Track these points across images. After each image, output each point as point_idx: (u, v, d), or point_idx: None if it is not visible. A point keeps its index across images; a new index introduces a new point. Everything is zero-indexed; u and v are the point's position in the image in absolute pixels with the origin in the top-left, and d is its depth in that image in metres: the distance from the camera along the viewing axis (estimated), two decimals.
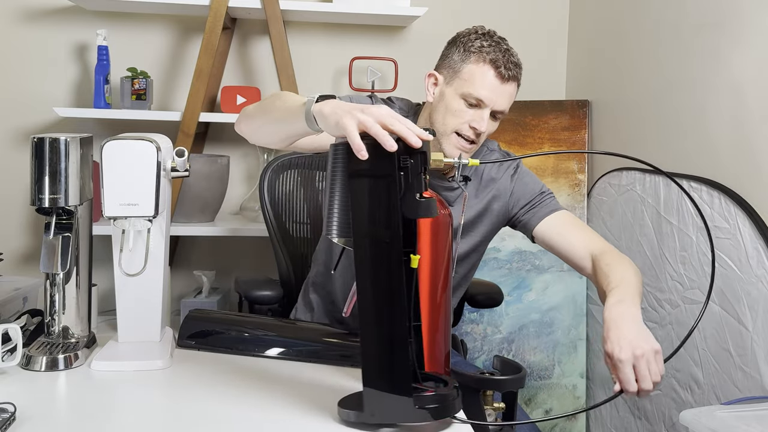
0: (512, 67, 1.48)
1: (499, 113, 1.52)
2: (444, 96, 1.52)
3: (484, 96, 1.47)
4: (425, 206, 1.04)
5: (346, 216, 1.05)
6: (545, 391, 2.46)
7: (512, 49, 1.52)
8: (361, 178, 1.02)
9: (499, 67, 1.47)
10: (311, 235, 2.01)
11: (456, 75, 1.50)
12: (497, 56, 1.47)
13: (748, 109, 1.74)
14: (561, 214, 1.60)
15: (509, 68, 1.48)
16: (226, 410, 1.14)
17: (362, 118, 1.04)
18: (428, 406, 1.04)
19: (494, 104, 1.48)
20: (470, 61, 1.49)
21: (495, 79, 1.47)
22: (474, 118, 1.48)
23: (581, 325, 2.46)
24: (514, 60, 1.50)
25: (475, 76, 1.47)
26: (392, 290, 1.03)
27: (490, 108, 1.48)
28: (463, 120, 1.49)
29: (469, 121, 1.48)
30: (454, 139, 1.50)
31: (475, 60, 1.48)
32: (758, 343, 1.64)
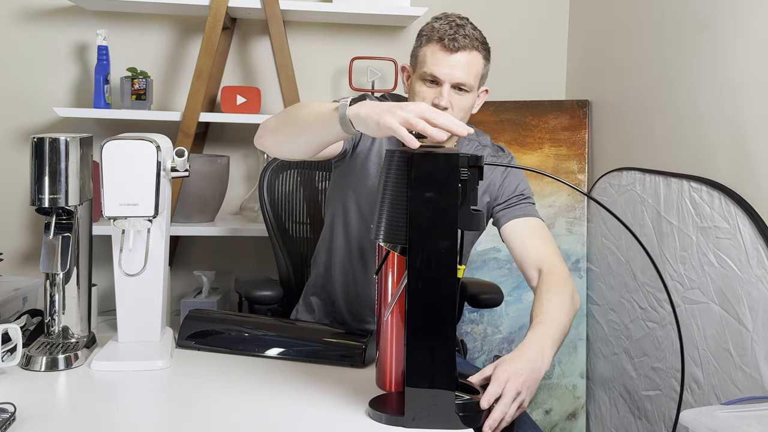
0: (460, 38, 1.50)
1: (462, 86, 1.53)
2: (412, 84, 1.58)
3: (435, 71, 1.50)
4: (478, 219, 1.08)
5: (395, 222, 1.07)
6: (545, 391, 2.46)
7: (468, 26, 1.54)
8: (422, 187, 1.05)
9: (444, 40, 1.50)
10: (311, 235, 2.01)
11: (416, 62, 1.57)
12: (444, 32, 1.51)
13: (748, 109, 1.74)
14: (531, 220, 1.60)
15: (456, 39, 1.50)
16: (226, 410, 1.14)
17: (404, 115, 1.08)
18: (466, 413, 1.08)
19: (450, 77, 1.50)
20: (423, 44, 1.55)
21: (442, 53, 1.50)
22: (435, 95, 1.51)
23: (581, 325, 2.46)
24: (464, 32, 1.51)
25: (426, 57, 1.53)
26: (444, 298, 1.06)
27: (447, 82, 1.51)
28: (426, 99, 1.52)
29: (432, 99, 1.51)
30: None
31: (426, 41, 1.54)
32: (758, 343, 1.64)
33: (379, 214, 1.10)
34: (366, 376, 1.29)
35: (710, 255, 1.80)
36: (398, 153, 1.07)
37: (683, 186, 1.92)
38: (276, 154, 1.44)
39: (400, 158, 1.07)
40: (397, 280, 1.18)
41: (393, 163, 1.08)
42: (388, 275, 1.20)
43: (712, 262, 1.79)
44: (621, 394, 2.24)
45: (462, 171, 1.06)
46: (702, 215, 1.84)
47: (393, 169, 1.08)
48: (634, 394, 2.16)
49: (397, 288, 1.15)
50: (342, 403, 1.17)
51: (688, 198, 1.89)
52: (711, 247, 1.80)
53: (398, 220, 1.07)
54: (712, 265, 1.79)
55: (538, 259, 1.53)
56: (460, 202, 1.06)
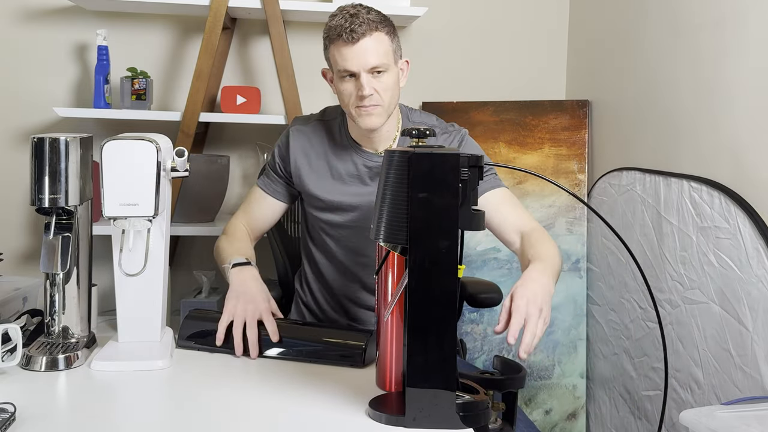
0: (356, 27, 1.52)
1: (377, 68, 1.55)
2: (336, 85, 1.61)
3: (347, 66, 1.54)
4: (478, 219, 1.08)
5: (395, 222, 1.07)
6: (545, 391, 2.46)
7: (362, 13, 1.55)
8: (422, 187, 1.05)
9: (342, 36, 1.53)
10: None
11: (330, 64, 1.61)
12: (341, 27, 1.53)
13: (748, 109, 1.74)
14: (500, 191, 1.64)
15: (353, 30, 1.52)
16: (226, 410, 1.14)
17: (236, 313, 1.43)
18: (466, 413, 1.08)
19: (362, 65, 1.53)
20: (328, 45, 1.58)
21: (346, 47, 1.53)
22: (357, 87, 1.55)
23: (581, 325, 2.46)
24: (358, 21, 1.53)
25: (335, 56, 1.56)
26: (444, 298, 1.06)
27: (362, 71, 1.53)
28: (351, 95, 1.56)
29: (356, 92, 1.55)
30: (357, 112, 1.57)
31: (330, 42, 1.57)
32: (758, 343, 1.64)
33: (379, 214, 1.10)
34: (366, 376, 1.29)
35: (710, 255, 1.80)
36: (398, 153, 1.07)
37: (683, 186, 1.92)
38: None
39: (400, 158, 1.07)
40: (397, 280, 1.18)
41: (393, 163, 1.08)
42: (388, 275, 1.20)
43: (712, 262, 1.79)
44: (621, 394, 2.24)
45: (462, 171, 1.06)
46: (702, 215, 1.84)
47: (393, 169, 1.08)
48: (634, 394, 2.16)
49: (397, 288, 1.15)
50: (342, 403, 1.17)
51: (688, 198, 1.89)
52: (711, 247, 1.80)
53: (398, 220, 1.07)
54: (712, 265, 1.79)
55: (517, 224, 1.60)
56: (461, 202, 1.07)
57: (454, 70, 2.70)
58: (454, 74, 2.70)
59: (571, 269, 2.46)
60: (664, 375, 2.00)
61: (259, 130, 2.62)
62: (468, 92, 2.66)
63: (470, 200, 1.07)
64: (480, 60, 2.69)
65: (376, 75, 1.55)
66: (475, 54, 2.70)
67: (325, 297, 1.77)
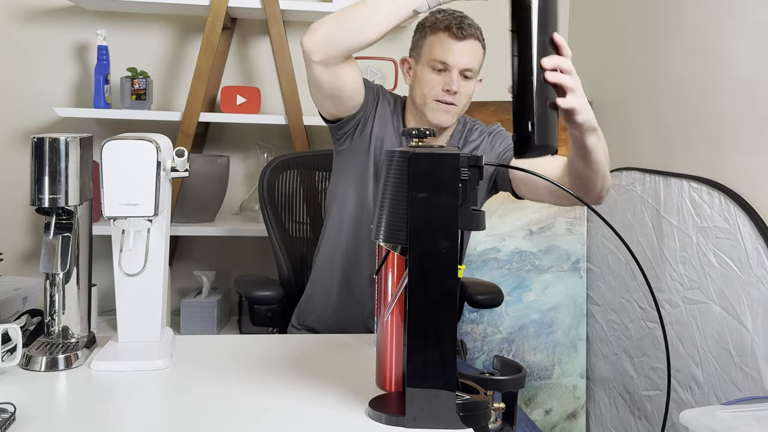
0: (466, 27, 1.60)
1: (468, 71, 1.61)
2: (416, 73, 1.65)
3: (445, 57, 1.59)
4: (479, 219, 1.08)
5: (395, 222, 1.07)
6: (545, 391, 2.46)
7: (469, 18, 1.63)
8: (422, 187, 1.05)
9: (451, 29, 1.59)
10: (311, 235, 2.01)
11: (421, 51, 1.65)
12: (450, 22, 1.60)
13: (748, 109, 1.74)
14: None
15: (462, 28, 1.59)
16: (226, 410, 1.14)
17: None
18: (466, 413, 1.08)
19: (458, 63, 1.59)
20: (428, 34, 1.63)
21: (450, 40, 1.59)
22: (445, 81, 1.60)
23: (581, 325, 2.46)
24: (468, 22, 1.62)
25: (434, 45, 1.61)
26: (444, 298, 1.06)
27: (456, 68, 1.59)
28: (436, 87, 1.60)
29: (442, 85, 1.60)
30: (434, 105, 1.61)
31: (431, 32, 1.63)
32: (758, 343, 1.64)
33: (379, 214, 1.10)
34: (366, 376, 1.29)
35: (710, 255, 1.80)
36: (398, 153, 1.08)
37: (683, 186, 1.92)
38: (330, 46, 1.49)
39: (400, 158, 1.07)
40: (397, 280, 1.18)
41: (393, 163, 1.08)
42: (388, 275, 1.20)
43: (712, 262, 1.79)
44: (621, 394, 2.24)
45: (462, 171, 1.07)
46: (702, 215, 1.84)
47: (393, 169, 1.08)
48: (634, 394, 2.16)
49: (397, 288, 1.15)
50: (342, 403, 1.17)
51: (688, 198, 1.89)
52: (711, 247, 1.80)
53: (398, 220, 1.07)
54: (712, 265, 1.79)
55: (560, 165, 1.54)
56: (461, 202, 1.07)
57: None
58: None
59: (571, 269, 2.46)
60: (666, 375, 2.00)
61: (259, 130, 2.63)
62: None
63: (470, 200, 1.07)
64: None
65: (463, 78, 1.61)
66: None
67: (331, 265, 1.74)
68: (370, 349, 1.44)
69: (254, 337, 1.54)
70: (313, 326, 1.77)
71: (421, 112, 1.64)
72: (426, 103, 1.62)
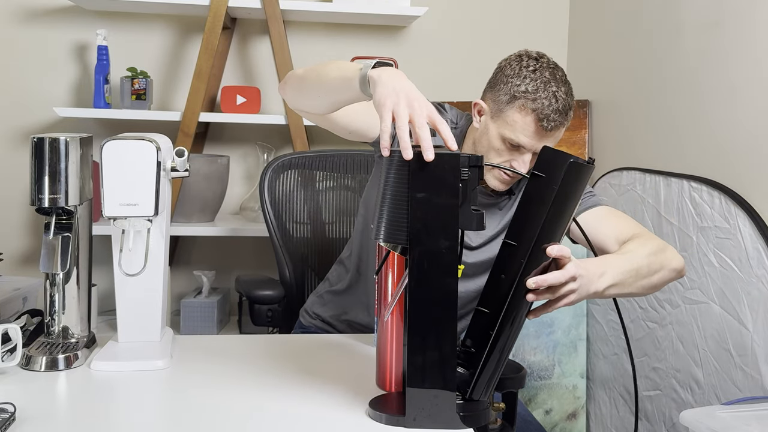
0: (556, 117, 1.41)
1: None
2: (488, 130, 1.48)
3: (525, 143, 1.43)
4: (479, 219, 1.08)
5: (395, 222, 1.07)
6: (545, 391, 2.46)
7: (561, 89, 1.43)
8: (422, 187, 1.05)
9: (542, 120, 1.41)
10: (311, 235, 2.01)
11: (500, 114, 1.45)
12: (542, 105, 1.41)
13: (747, 108, 1.74)
14: (598, 209, 1.51)
15: (552, 119, 1.41)
16: (226, 410, 1.14)
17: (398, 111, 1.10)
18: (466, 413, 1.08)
19: (536, 149, 1.44)
20: (515, 106, 1.43)
21: (537, 131, 1.42)
22: (515, 159, 1.45)
23: (581, 325, 2.46)
24: (559, 107, 1.41)
25: (517, 124, 1.42)
26: (444, 298, 1.06)
27: (532, 152, 1.45)
28: (504, 159, 1.46)
29: (510, 161, 1.45)
30: (495, 172, 1.48)
31: (519, 107, 1.42)
32: (758, 343, 1.64)
33: (379, 214, 1.10)
34: (366, 376, 1.29)
35: (710, 255, 1.80)
36: (398, 153, 1.08)
37: (683, 186, 1.92)
38: (294, 104, 1.45)
39: (401, 158, 1.07)
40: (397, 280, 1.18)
41: (393, 163, 1.08)
42: (388, 275, 1.20)
43: (712, 262, 1.79)
44: (621, 394, 2.24)
45: (462, 171, 1.07)
46: (702, 215, 1.84)
47: (393, 169, 1.08)
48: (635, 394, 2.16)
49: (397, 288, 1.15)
50: (342, 403, 1.17)
51: (688, 198, 1.89)
52: (711, 247, 1.80)
53: (399, 220, 1.07)
54: (712, 265, 1.79)
55: (615, 235, 1.44)
56: (461, 202, 1.07)
57: (454, 70, 2.70)
58: (454, 74, 2.70)
59: None
60: (667, 375, 2.00)
61: (259, 130, 2.63)
62: (468, 92, 2.66)
63: (470, 200, 1.07)
64: (480, 60, 2.69)
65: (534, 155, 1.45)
66: (475, 54, 2.70)
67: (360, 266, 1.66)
68: (370, 349, 1.44)
69: (254, 337, 1.54)
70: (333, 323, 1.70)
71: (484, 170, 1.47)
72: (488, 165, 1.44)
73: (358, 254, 1.66)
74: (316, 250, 2.01)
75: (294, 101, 1.46)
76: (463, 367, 1.13)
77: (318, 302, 1.73)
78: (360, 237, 1.66)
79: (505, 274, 1.12)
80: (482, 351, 1.11)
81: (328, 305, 1.71)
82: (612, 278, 1.25)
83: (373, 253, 1.60)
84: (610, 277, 1.25)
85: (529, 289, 1.10)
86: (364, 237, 1.64)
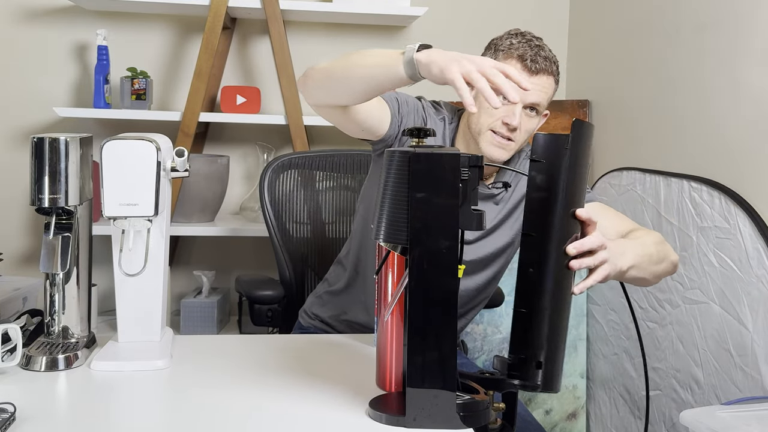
0: (540, 60, 1.45)
1: (535, 106, 1.48)
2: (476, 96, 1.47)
3: None
4: (479, 219, 1.08)
5: (395, 222, 1.07)
6: None
7: (545, 47, 1.49)
8: (422, 187, 1.05)
9: (525, 60, 1.44)
10: (311, 235, 2.01)
11: None
12: (525, 51, 1.45)
13: (747, 108, 1.74)
14: (595, 204, 1.51)
15: (536, 61, 1.45)
16: (226, 410, 1.14)
17: (468, 68, 1.13)
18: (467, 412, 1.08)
19: (525, 97, 1.44)
20: (498, 58, 1.47)
21: (522, 72, 1.44)
22: (506, 113, 1.45)
23: (581, 325, 2.46)
24: (543, 54, 1.46)
25: None
26: (444, 298, 1.06)
27: (521, 102, 1.45)
28: (496, 116, 1.45)
29: (502, 117, 1.45)
30: (489, 136, 1.48)
31: (503, 57, 1.47)
32: (758, 343, 1.64)
33: (379, 214, 1.10)
34: (366, 376, 1.29)
35: (710, 255, 1.80)
36: (398, 153, 1.08)
37: (683, 186, 1.92)
38: (317, 98, 1.41)
39: (401, 158, 1.07)
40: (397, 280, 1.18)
41: (393, 163, 1.08)
42: (388, 275, 1.20)
43: (712, 262, 1.79)
44: (621, 394, 2.24)
45: (462, 171, 1.07)
46: (702, 215, 1.84)
47: (393, 169, 1.08)
48: (634, 394, 2.16)
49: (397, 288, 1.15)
50: (342, 403, 1.17)
51: (688, 198, 1.90)
52: (711, 247, 1.80)
53: (399, 220, 1.07)
54: (712, 265, 1.79)
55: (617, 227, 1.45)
56: (461, 202, 1.07)
57: None
58: None
59: None
60: (666, 375, 2.00)
61: (259, 130, 2.63)
62: None
63: (470, 200, 1.07)
64: None
65: (528, 112, 1.47)
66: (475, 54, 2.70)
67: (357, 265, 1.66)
68: (370, 349, 1.44)
69: (254, 337, 1.54)
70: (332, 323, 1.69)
71: (474, 140, 1.50)
72: (481, 132, 1.48)
73: (356, 253, 1.65)
74: (316, 250, 2.01)
75: (318, 95, 1.42)
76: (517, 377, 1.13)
77: (317, 303, 1.73)
78: (358, 236, 1.65)
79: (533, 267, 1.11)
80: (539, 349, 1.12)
81: (327, 306, 1.70)
82: (632, 259, 1.27)
83: (371, 252, 1.60)
84: (630, 257, 1.26)
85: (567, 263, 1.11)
86: (362, 236, 1.63)
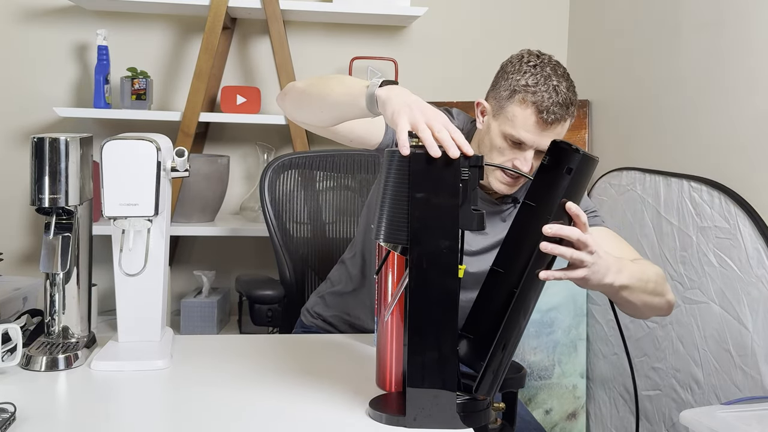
0: (557, 110, 1.39)
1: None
2: (490, 130, 1.46)
3: (526, 139, 1.41)
4: (479, 219, 1.08)
5: (395, 222, 1.07)
6: (545, 391, 2.46)
7: (561, 84, 1.41)
8: (422, 187, 1.05)
9: (542, 113, 1.38)
10: (311, 235, 2.01)
11: (501, 111, 1.44)
12: (542, 98, 1.39)
13: (747, 108, 1.74)
14: (603, 229, 1.49)
15: (553, 112, 1.38)
16: (226, 410, 1.14)
17: (416, 120, 1.10)
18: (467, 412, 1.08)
19: (538, 145, 1.41)
20: (515, 101, 1.41)
21: (537, 124, 1.40)
22: (517, 157, 1.43)
23: (581, 325, 2.46)
24: (560, 100, 1.39)
25: (517, 118, 1.40)
26: (444, 298, 1.06)
27: (533, 148, 1.42)
28: (506, 158, 1.44)
29: (512, 160, 1.43)
30: (498, 174, 1.46)
31: (519, 101, 1.41)
32: (758, 343, 1.64)
33: (379, 214, 1.10)
34: (366, 376, 1.29)
35: (710, 255, 1.80)
36: (398, 153, 1.08)
37: (683, 186, 1.92)
38: (293, 116, 1.44)
39: (401, 158, 1.07)
40: (397, 280, 1.18)
41: (393, 163, 1.08)
42: (388, 275, 1.20)
43: (712, 262, 1.79)
44: (621, 394, 2.24)
45: (462, 171, 1.07)
46: (702, 215, 1.84)
47: (393, 169, 1.08)
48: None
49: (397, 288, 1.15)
50: (342, 403, 1.17)
51: (688, 198, 1.90)
52: (711, 247, 1.80)
53: (399, 220, 1.07)
54: (712, 265, 1.79)
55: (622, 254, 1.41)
56: (460, 202, 1.07)
57: (454, 70, 2.70)
58: (454, 74, 2.70)
59: None
60: (666, 375, 2.00)
61: (259, 130, 2.63)
62: (468, 92, 2.66)
63: (470, 200, 1.08)
64: (480, 60, 2.69)
65: (539, 154, 1.43)
66: (475, 54, 2.70)
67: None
68: (370, 349, 1.44)
69: (254, 337, 1.54)
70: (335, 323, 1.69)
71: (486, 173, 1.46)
72: (490, 168, 1.45)
73: (362, 256, 1.65)
74: (317, 250, 2.01)
75: (294, 114, 1.45)
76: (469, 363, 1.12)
77: (320, 302, 1.73)
78: (363, 239, 1.65)
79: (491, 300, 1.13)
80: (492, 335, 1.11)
81: (330, 306, 1.70)
82: (628, 278, 1.25)
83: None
84: (626, 277, 1.25)
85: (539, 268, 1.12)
86: (367, 239, 1.64)
